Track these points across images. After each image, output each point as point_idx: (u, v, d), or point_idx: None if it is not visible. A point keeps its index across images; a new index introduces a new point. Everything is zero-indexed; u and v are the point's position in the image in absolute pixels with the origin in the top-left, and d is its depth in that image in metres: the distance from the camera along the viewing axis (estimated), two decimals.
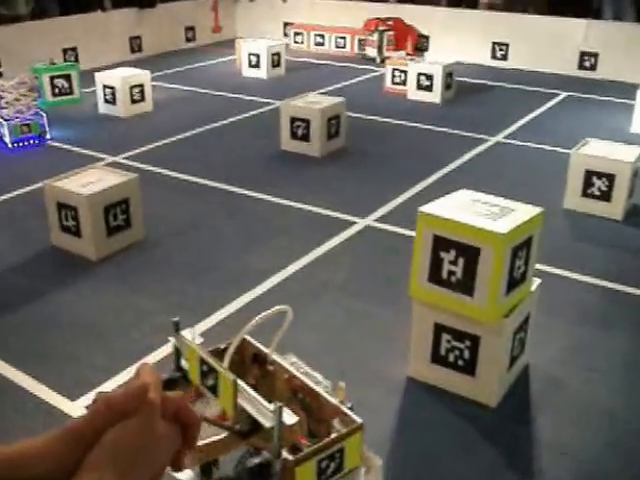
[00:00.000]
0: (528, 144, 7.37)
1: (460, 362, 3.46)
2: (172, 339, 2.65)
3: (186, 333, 2.66)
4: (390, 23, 11.61)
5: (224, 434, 2.30)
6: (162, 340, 3.95)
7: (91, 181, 4.92)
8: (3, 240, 5.21)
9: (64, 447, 0.74)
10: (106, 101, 8.41)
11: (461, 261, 3.21)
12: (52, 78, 8.80)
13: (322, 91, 9.16)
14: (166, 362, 3.75)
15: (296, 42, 12.42)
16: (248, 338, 2.66)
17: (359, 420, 2.26)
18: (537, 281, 3.58)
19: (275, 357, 2.57)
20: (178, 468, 0.82)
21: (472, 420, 3.38)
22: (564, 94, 9.47)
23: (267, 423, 2.16)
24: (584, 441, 3.26)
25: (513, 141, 7.50)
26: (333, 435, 2.22)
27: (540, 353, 3.83)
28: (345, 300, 4.40)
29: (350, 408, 2.35)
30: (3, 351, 3.86)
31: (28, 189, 6.03)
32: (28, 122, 7.24)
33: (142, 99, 8.49)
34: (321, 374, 2.61)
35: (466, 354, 3.43)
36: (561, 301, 4.36)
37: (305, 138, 6.97)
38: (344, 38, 11.85)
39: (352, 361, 3.81)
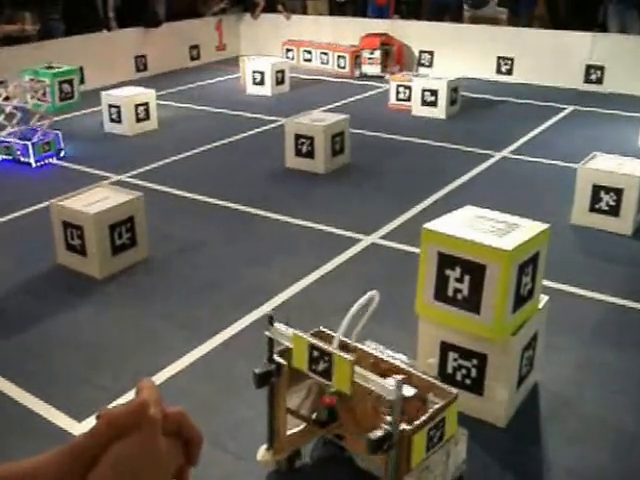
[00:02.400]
0: (534, 159, 7.34)
1: (467, 381, 3.42)
2: (267, 332, 2.82)
3: (280, 326, 2.84)
4: (384, 39, 11.65)
5: (304, 424, 2.52)
6: (169, 359, 3.93)
7: (96, 200, 4.91)
8: (9, 259, 5.21)
9: (66, 465, 0.73)
10: (111, 120, 8.43)
11: (467, 278, 3.18)
12: (60, 83, 9.10)
13: (326, 108, 9.16)
14: (173, 382, 3.74)
15: (288, 58, 12.42)
16: (324, 329, 2.89)
17: (454, 390, 2.47)
18: (545, 298, 3.54)
19: (357, 344, 2.76)
20: None
21: (481, 440, 3.32)
22: (570, 108, 9.45)
23: (390, 396, 2.33)
24: (596, 461, 3.20)
25: (519, 156, 7.48)
26: (437, 406, 2.39)
27: (550, 371, 3.78)
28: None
29: (442, 382, 2.56)
30: (8, 371, 3.83)
31: (33, 208, 6.03)
32: (48, 140, 7.42)
33: (147, 117, 8.51)
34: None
35: (473, 373, 3.38)
36: (570, 318, 4.31)
37: (310, 155, 6.96)
38: (344, 57, 11.85)
39: None
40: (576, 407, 3.58)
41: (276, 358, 2.81)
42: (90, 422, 3.38)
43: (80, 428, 3.36)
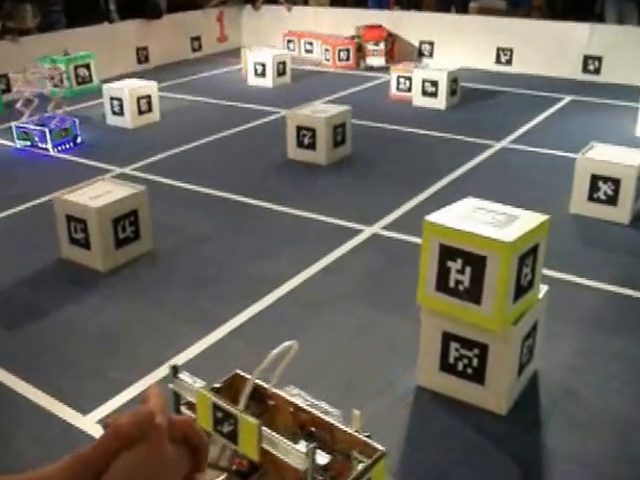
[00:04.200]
0: (534, 149, 7.37)
1: (469, 370, 3.47)
2: (171, 385, 2.49)
3: (186, 377, 2.51)
4: (381, 30, 11.65)
5: (223, 477, 2.24)
6: (175, 351, 3.98)
7: (100, 193, 4.95)
8: (13, 252, 5.25)
9: (73, 476, 0.74)
10: (114, 113, 8.46)
11: (468, 270, 3.23)
12: (76, 67, 9.59)
13: (328, 99, 9.19)
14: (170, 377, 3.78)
15: (289, 49, 12.41)
16: (242, 373, 2.52)
17: (381, 448, 2.21)
18: (545, 288, 3.59)
19: (276, 391, 2.45)
20: None
21: (482, 429, 3.38)
22: (568, 98, 9.48)
23: (300, 465, 2.10)
24: (597, 449, 3.25)
25: (519, 146, 7.51)
26: (360, 467, 2.17)
27: (550, 360, 3.84)
28: (353, 309, 4.42)
29: (368, 436, 2.28)
30: (13, 364, 3.88)
31: (37, 202, 6.07)
32: (66, 127, 7.61)
33: (149, 110, 8.54)
34: (328, 404, 2.53)
35: (475, 362, 3.43)
36: (570, 307, 4.37)
37: (311, 147, 7.00)
38: (346, 49, 11.83)
39: (360, 370, 3.83)
40: (576, 394, 3.63)
41: (184, 411, 2.54)
42: (96, 415, 3.44)
43: (85, 421, 3.42)
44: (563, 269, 4.76)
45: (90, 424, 3.36)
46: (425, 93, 9.12)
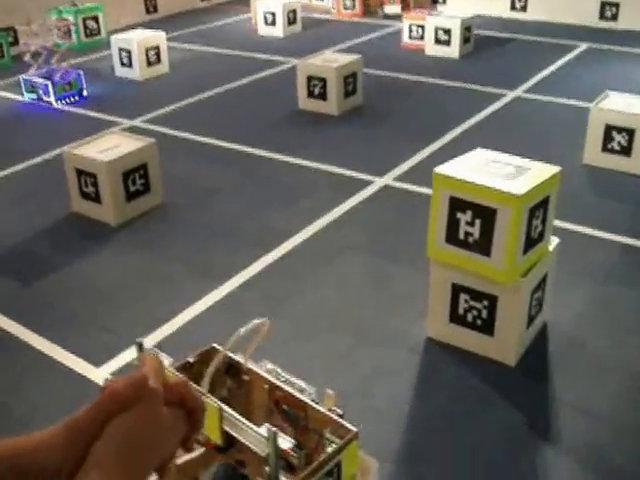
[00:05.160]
0: (547, 98, 7.27)
1: (478, 322, 3.48)
2: (136, 362, 2.38)
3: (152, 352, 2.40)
4: None
5: (201, 450, 2.21)
6: (186, 303, 4.01)
7: (109, 147, 4.94)
8: (23, 208, 5.27)
9: (68, 441, 0.74)
10: (122, 64, 8.39)
11: (478, 222, 3.21)
12: (84, 19, 9.54)
13: (339, 48, 9.07)
14: (189, 327, 3.82)
15: None
16: (217, 346, 2.44)
17: (353, 428, 2.12)
18: (555, 240, 3.57)
19: (251, 366, 2.39)
20: (188, 450, 0.85)
21: (491, 379, 3.41)
22: (585, 45, 9.30)
23: (261, 451, 2.04)
24: (604, 400, 3.27)
25: (532, 95, 7.41)
26: (329, 449, 2.07)
27: (560, 312, 3.84)
28: (363, 260, 4.42)
29: (340, 416, 2.20)
30: (26, 318, 3.93)
31: (46, 156, 6.07)
32: (70, 80, 7.54)
33: (158, 61, 8.47)
34: (302, 380, 2.41)
35: (484, 314, 3.44)
36: (581, 259, 4.35)
37: (322, 97, 6.93)
38: None
39: (371, 321, 3.85)
40: (584, 346, 3.64)
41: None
42: (108, 367, 3.48)
43: (98, 373, 3.46)
44: (575, 221, 4.73)
45: (102, 376, 3.40)
46: (438, 41, 8.98)
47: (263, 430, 2.02)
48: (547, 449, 3.03)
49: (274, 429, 1.98)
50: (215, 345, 2.39)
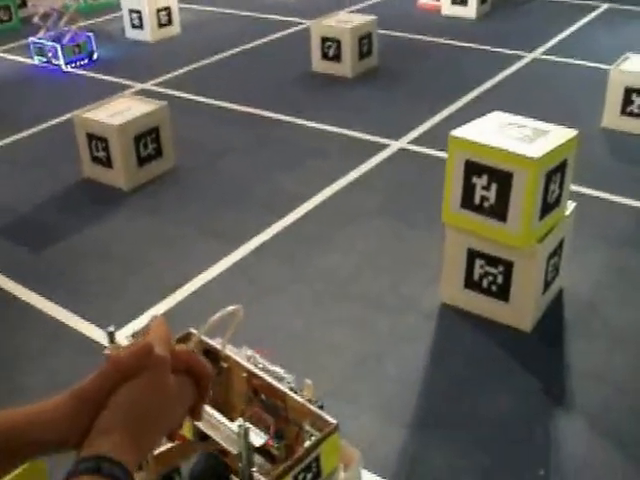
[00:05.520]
0: (566, 60, 7.13)
1: (494, 287, 3.43)
2: (107, 352, 2.33)
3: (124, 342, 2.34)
4: None
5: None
6: (200, 268, 3.99)
7: (120, 110, 4.89)
8: (34, 173, 5.24)
9: (74, 410, 0.74)
10: (133, 26, 8.29)
11: (494, 186, 3.15)
12: None
13: (353, 8, 8.92)
14: (202, 293, 3.80)
15: None
16: (194, 331, 2.33)
17: (333, 421, 2.02)
18: (572, 205, 3.50)
19: (229, 352, 2.28)
20: (197, 419, 0.83)
21: (506, 345, 3.37)
22: (605, 5, 9.10)
23: (233, 449, 1.96)
24: (619, 365, 3.23)
25: (551, 57, 7.26)
26: (307, 444, 1.97)
27: (576, 277, 3.78)
28: (378, 225, 4.37)
29: (320, 407, 2.10)
30: (36, 283, 3.92)
31: (57, 120, 6.02)
32: (79, 43, 7.45)
33: (169, 22, 8.36)
34: (282, 368, 2.29)
35: (500, 279, 3.39)
36: (598, 224, 4.28)
37: (336, 58, 6.83)
38: None
39: (386, 286, 3.81)
40: (601, 311, 3.59)
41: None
42: (121, 334, 3.46)
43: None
44: (593, 185, 4.65)
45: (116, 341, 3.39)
46: (455, 1, 8.80)
47: (234, 426, 1.94)
48: (561, 415, 3.00)
49: (246, 425, 1.89)
50: (192, 330, 2.31)
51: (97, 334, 3.48)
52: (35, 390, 3.15)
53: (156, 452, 2.14)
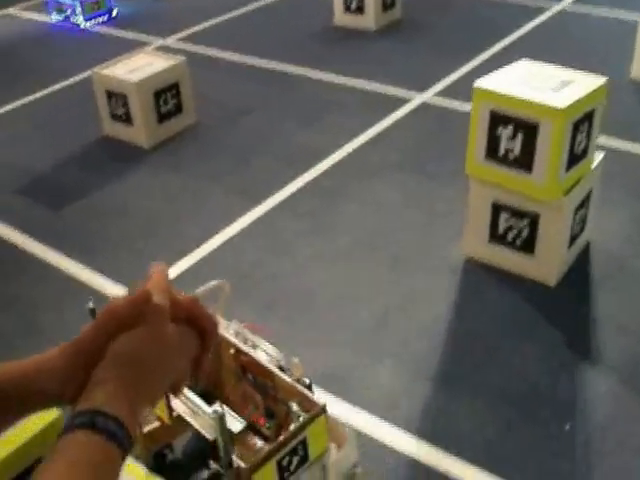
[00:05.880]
0: (595, 10, 6.92)
1: (519, 241, 3.38)
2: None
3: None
4: None
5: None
6: (222, 224, 3.97)
7: (140, 66, 4.84)
8: (54, 132, 5.21)
9: (71, 362, 0.71)
10: None
11: (519, 137, 3.08)
12: None
13: None
14: (223, 249, 3.79)
15: None
16: None
17: (320, 402, 1.93)
18: (600, 156, 3.42)
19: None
20: (201, 371, 0.79)
21: (531, 299, 3.33)
22: None
23: (209, 435, 1.88)
24: None
25: (579, 7, 7.06)
26: (292, 427, 1.88)
27: (603, 231, 3.71)
28: (401, 179, 4.32)
29: (309, 387, 2.02)
30: (60, 244, 3.92)
31: (76, 78, 5.97)
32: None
33: None
34: (271, 345, 2.20)
35: (525, 233, 3.34)
36: (627, 176, 4.18)
37: (359, 11, 6.68)
38: None
39: (409, 241, 3.78)
40: (628, 266, 3.52)
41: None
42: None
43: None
44: (622, 137, 4.53)
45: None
46: None
47: (211, 409, 1.84)
48: (588, 369, 2.97)
49: (221, 410, 1.81)
50: None
51: (116, 290, 3.48)
52: (51, 341, 3.16)
53: (146, 429, 2.10)
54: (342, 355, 3.10)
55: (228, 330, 2.19)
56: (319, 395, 2.86)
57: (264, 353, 2.12)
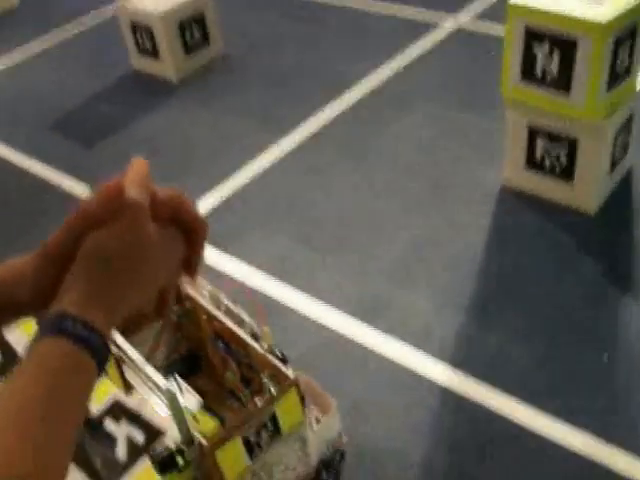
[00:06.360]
0: None
1: (557, 167, 3.25)
2: None
3: None
4: None
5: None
6: (253, 156, 3.90)
7: None
8: (82, 68, 5.15)
9: (40, 269, 0.64)
10: None
11: (557, 55, 2.92)
12: None
13: None
14: (257, 181, 3.72)
15: None
16: None
17: (291, 375, 1.80)
18: None
19: (190, 291, 2.05)
20: (191, 275, 0.71)
21: (569, 228, 3.21)
22: None
23: (161, 411, 1.76)
24: None
25: None
26: (258, 402, 1.77)
27: None
28: (436, 108, 4.17)
29: (282, 359, 1.85)
30: (87, 177, 3.88)
31: (102, 11, 5.85)
32: None
33: None
34: (244, 312, 2.02)
35: (563, 158, 3.20)
36: None
37: None
38: None
39: (443, 170, 3.67)
40: None
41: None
42: None
43: None
44: None
45: None
46: None
47: (163, 382, 1.73)
48: (627, 301, 2.86)
49: (173, 388, 1.70)
50: None
51: None
52: None
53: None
54: (376, 284, 3.05)
55: (203, 292, 2.06)
56: (352, 325, 2.85)
57: (237, 320, 1.97)
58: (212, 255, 3.17)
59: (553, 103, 3.03)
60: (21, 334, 2.11)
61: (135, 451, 1.88)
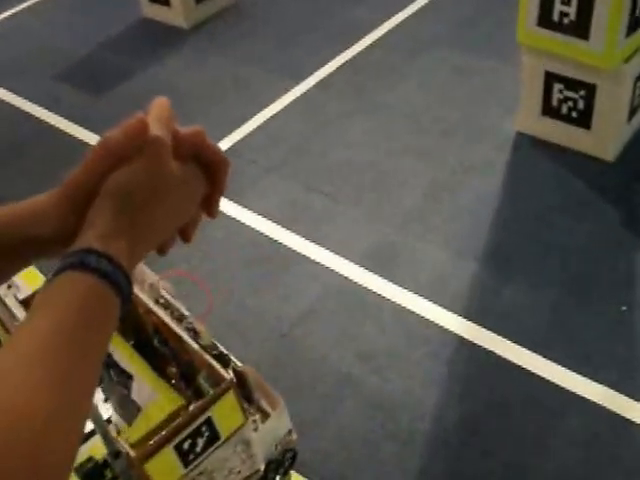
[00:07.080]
0: None
1: (574, 113, 3.19)
2: None
3: None
4: None
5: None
6: (263, 103, 3.88)
7: None
8: (92, 15, 5.08)
9: (59, 205, 0.64)
10: None
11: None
12: None
13: None
14: (268, 126, 3.69)
15: None
16: None
17: (227, 376, 1.65)
18: None
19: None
20: (211, 214, 0.72)
21: (586, 175, 3.17)
22: None
23: (95, 422, 1.60)
24: None
25: None
26: (191, 408, 1.63)
27: None
28: (448, 54, 4.10)
29: (226, 359, 1.73)
30: (98, 126, 3.83)
31: None
32: None
33: None
34: (183, 305, 1.88)
35: (580, 105, 3.14)
36: None
37: None
38: None
39: (458, 117, 3.63)
40: None
41: None
42: None
43: None
44: None
45: None
46: None
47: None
48: None
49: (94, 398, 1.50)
50: None
51: None
52: None
53: None
54: (387, 233, 3.04)
55: (143, 285, 1.90)
56: (364, 274, 2.84)
57: (177, 313, 1.82)
58: (223, 202, 3.15)
59: (571, 48, 2.96)
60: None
61: None
